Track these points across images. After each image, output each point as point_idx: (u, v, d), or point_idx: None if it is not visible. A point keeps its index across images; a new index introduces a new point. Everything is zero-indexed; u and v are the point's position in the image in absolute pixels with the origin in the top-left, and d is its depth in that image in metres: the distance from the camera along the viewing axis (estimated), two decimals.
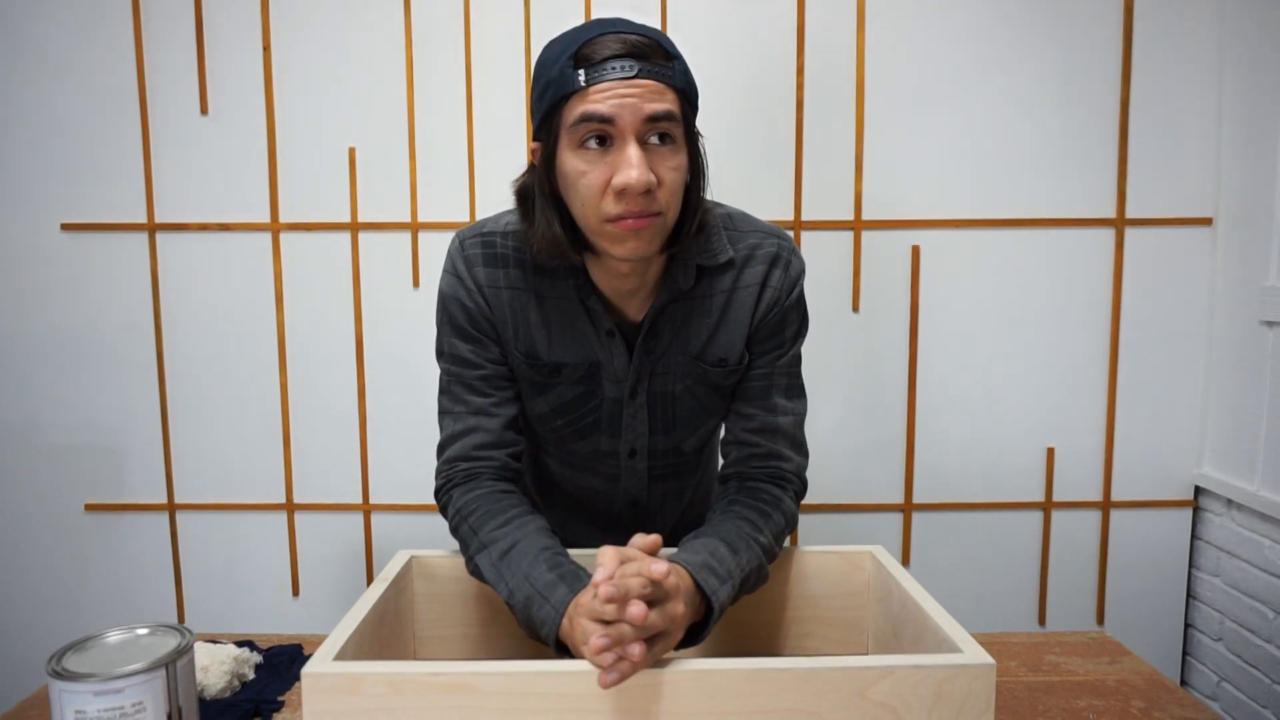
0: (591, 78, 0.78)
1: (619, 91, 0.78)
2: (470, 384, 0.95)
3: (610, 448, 1.01)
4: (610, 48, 0.79)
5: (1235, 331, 1.77)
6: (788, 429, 0.97)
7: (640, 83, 0.78)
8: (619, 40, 0.79)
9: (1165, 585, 1.91)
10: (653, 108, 0.78)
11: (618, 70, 0.78)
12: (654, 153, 0.80)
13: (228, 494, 1.91)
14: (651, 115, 0.78)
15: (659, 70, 0.79)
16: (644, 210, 0.80)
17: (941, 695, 0.67)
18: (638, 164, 0.78)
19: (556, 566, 0.80)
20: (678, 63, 0.81)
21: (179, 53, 1.80)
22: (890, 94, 1.81)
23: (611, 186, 0.80)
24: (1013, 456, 1.89)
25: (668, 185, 0.81)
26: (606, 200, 0.81)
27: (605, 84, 0.78)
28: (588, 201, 0.82)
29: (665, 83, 0.80)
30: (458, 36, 1.80)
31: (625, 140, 0.79)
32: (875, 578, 0.94)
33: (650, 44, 0.80)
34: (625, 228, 0.81)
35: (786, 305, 0.96)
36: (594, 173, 0.80)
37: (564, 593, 0.76)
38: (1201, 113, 1.80)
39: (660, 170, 0.81)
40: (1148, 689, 0.92)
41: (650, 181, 0.79)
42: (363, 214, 1.84)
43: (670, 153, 0.81)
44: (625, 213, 0.80)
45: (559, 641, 0.76)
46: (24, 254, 1.85)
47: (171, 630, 0.75)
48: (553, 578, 0.78)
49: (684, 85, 0.82)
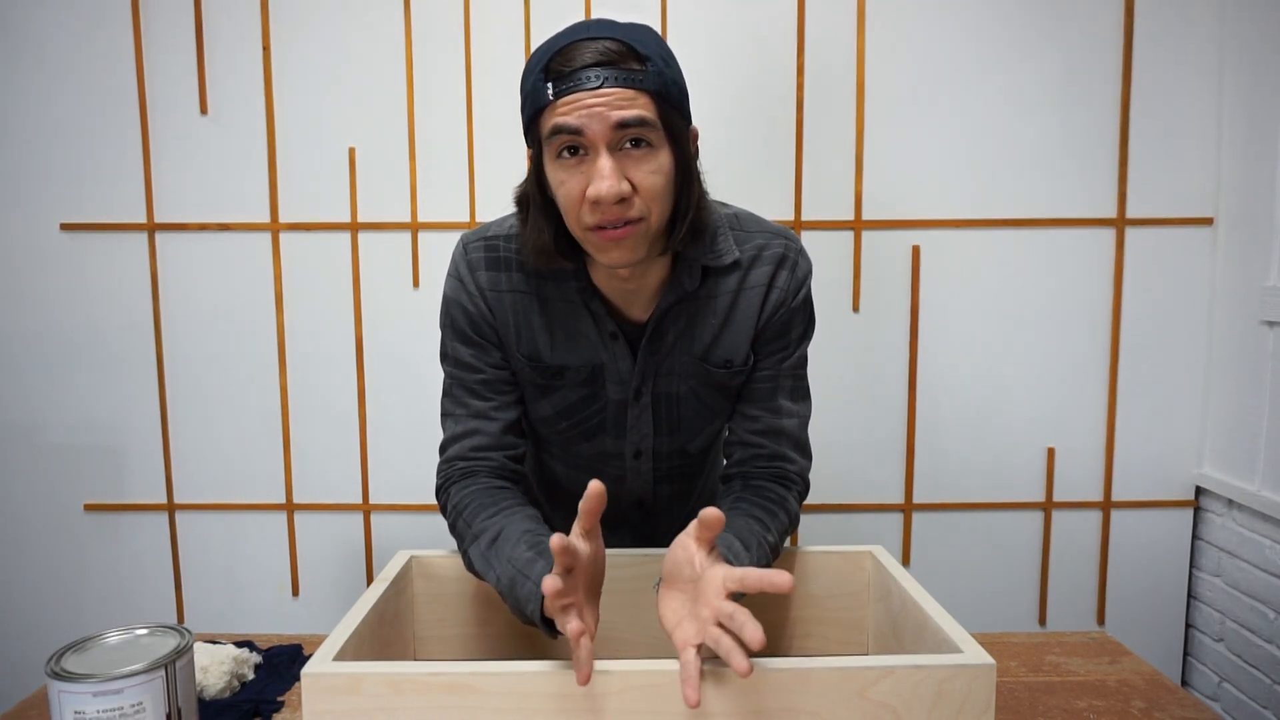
0: (559, 90, 0.79)
1: (586, 103, 0.78)
2: (471, 387, 0.96)
3: (615, 449, 1.01)
4: (579, 58, 0.79)
5: (1235, 331, 1.77)
6: (792, 431, 0.97)
7: (608, 91, 0.78)
8: (589, 49, 0.79)
9: (1166, 585, 1.91)
10: (620, 115, 0.78)
11: (585, 81, 0.78)
12: (629, 159, 0.80)
13: (228, 494, 1.91)
14: (620, 122, 0.78)
15: (628, 76, 0.79)
16: (619, 219, 0.81)
17: (941, 695, 0.67)
18: (608, 174, 0.78)
19: (535, 545, 0.80)
20: (651, 64, 0.80)
21: (179, 53, 1.80)
22: (890, 94, 1.81)
23: (586, 197, 0.80)
24: (1013, 456, 1.89)
25: (645, 190, 0.81)
26: (584, 210, 0.81)
27: (574, 95, 0.78)
28: (568, 211, 0.83)
29: (636, 88, 0.79)
30: (458, 36, 1.80)
31: (597, 151, 0.79)
32: (875, 578, 0.94)
33: (620, 50, 0.79)
34: (605, 238, 0.82)
35: (793, 306, 0.95)
36: (571, 182, 0.81)
37: (543, 567, 0.76)
38: (1201, 113, 1.80)
39: (635, 176, 0.80)
40: (1148, 689, 0.92)
41: (622, 191, 0.79)
42: (363, 214, 1.84)
43: (646, 156, 0.81)
44: (602, 222, 0.81)
45: (545, 618, 0.75)
46: (23, 254, 1.85)
47: (171, 630, 0.75)
48: (532, 555, 0.78)
49: (657, 86, 0.80)
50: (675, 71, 0.83)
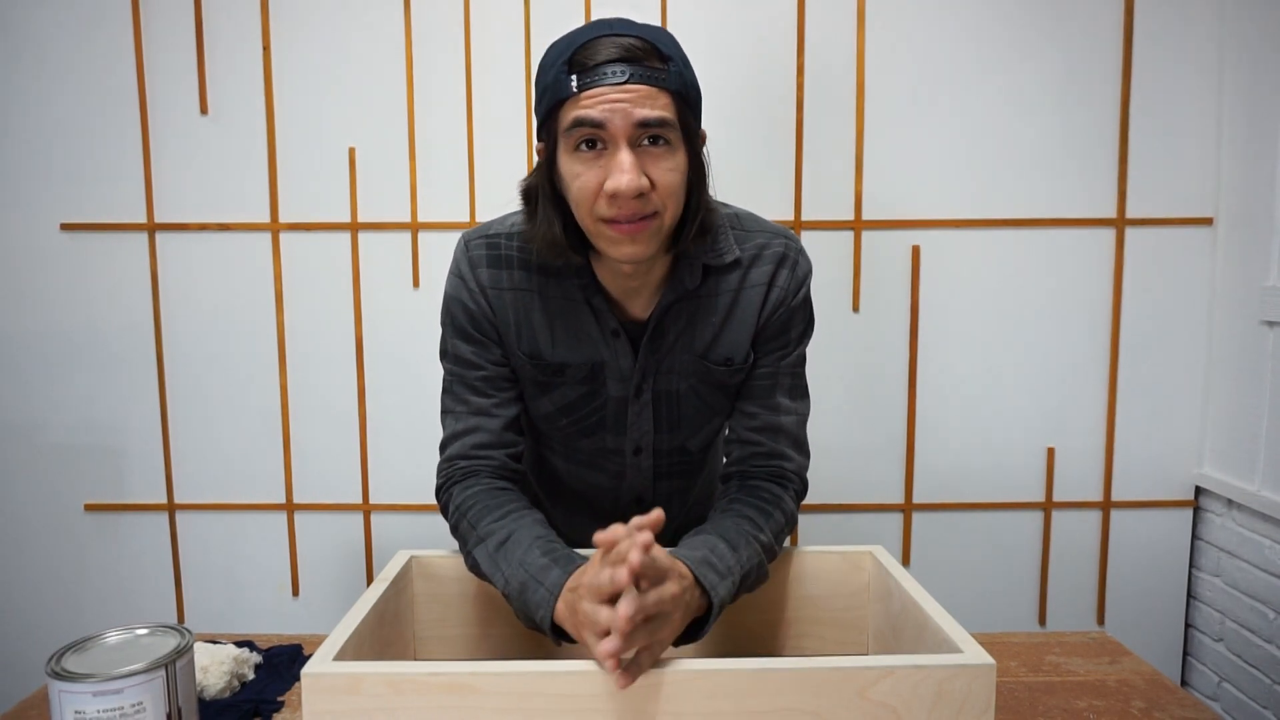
0: (583, 83, 0.79)
1: (610, 97, 0.78)
2: (472, 384, 0.96)
3: (615, 446, 1.02)
4: (604, 52, 0.79)
5: (1235, 331, 1.77)
6: (790, 429, 0.98)
7: (632, 88, 0.79)
8: (613, 44, 0.79)
9: (1166, 585, 1.91)
10: (643, 113, 0.79)
11: (610, 75, 0.78)
12: (648, 155, 0.81)
13: (228, 494, 1.91)
14: (642, 121, 0.79)
15: (652, 74, 0.79)
16: (636, 213, 0.81)
17: (941, 695, 0.67)
18: (628, 169, 0.79)
19: (550, 551, 0.81)
20: (673, 64, 0.81)
21: (179, 53, 1.80)
22: (890, 94, 1.81)
23: (604, 190, 0.81)
24: (1013, 456, 1.89)
25: (663, 186, 0.82)
26: (600, 203, 0.82)
27: (597, 89, 0.79)
28: (582, 203, 0.83)
29: (658, 86, 0.80)
30: (458, 36, 1.80)
31: (617, 145, 0.80)
32: (875, 578, 0.94)
33: (645, 47, 0.80)
34: (620, 231, 0.82)
35: (793, 305, 0.96)
36: (588, 175, 0.82)
37: (558, 575, 0.77)
38: (1201, 113, 1.80)
39: (654, 172, 0.81)
40: (1148, 689, 0.92)
41: (641, 185, 0.80)
42: (363, 214, 1.84)
43: (665, 154, 0.82)
44: (618, 215, 0.81)
45: (554, 625, 0.76)
46: (23, 254, 1.85)
47: (171, 630, 0.75)
48: (546, 561, 0.79)
49: (679, 87, 0.81)
50: (693, 75, 0.85)
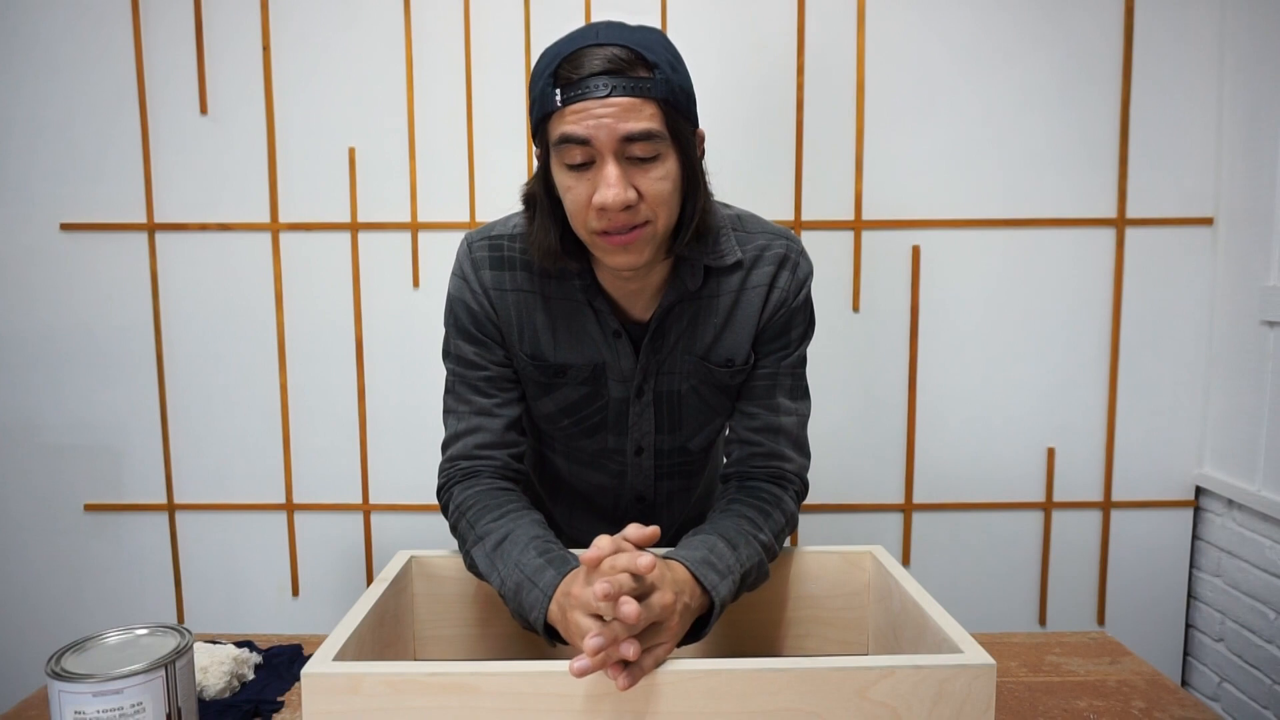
0: (568, 98, 0.79)
1: (595, 112, 0.78)
2: (474, 385, 0.96)
3: (617, 446, 1.02)
4: (588, 65, 0.78)
5: (1235, 331, 1.77)
6: (790, 429, 0.98)
7: (616, 101, 0.78)
8: (598, 55, 0.78)
9: (1166, 585, 1.91)
10: (628, 127, 0.78)
11: (593, 89, 0.78)
12: (636, 166, 0.81)
13: (227, 494, 1.91)
14: (627, 135, 0.79)
15: (636, 85, 0.78)
16: (626, 224, 0.82)
17: (941, 695, 0.67)
18: (615, 183, 0.79)
19: (545, 552, 0.81)
20: (659, 71, 0.80)
21: (179, 53, 1.80)
22: (890, 94, 1.81)
23: (592, 204, 0.81)
24: (1013, 456, 1.89)
25: (652, 196, 0.82)
26: (591, 215, 0.82)
27: (581, 104, 0.78)
28: (575, 216, 0.84)
29: (643, 96, 0.79)
30: (458, 36, 1.80)
31: (604, 159, 0.80)
32: (875, 578, 0.94)
33: (629, 57, 0.79)
34: (612, 243, 0.83)
35: (793, 306, 0.96)
36: (578, 189, 0.82)
37: (552, 576, 0.77)
38: (1201, 113, 1.80)
39: (642, 183, 0.81)
40: (1148, 689, 0.92)
41: (628, 199, 0.80)
42: (362, 214, 1.84)
43: (654, 164, 0.81)
44: (609, 227, 0.82)
45: (548, 626, 0.76)
46: (23, 254, 1.85)
47: (171, 631, 0.75)
48: (541, 562, 0.79)
49: (665, 94, 0.80)
50: (682, 77, 0.83)
